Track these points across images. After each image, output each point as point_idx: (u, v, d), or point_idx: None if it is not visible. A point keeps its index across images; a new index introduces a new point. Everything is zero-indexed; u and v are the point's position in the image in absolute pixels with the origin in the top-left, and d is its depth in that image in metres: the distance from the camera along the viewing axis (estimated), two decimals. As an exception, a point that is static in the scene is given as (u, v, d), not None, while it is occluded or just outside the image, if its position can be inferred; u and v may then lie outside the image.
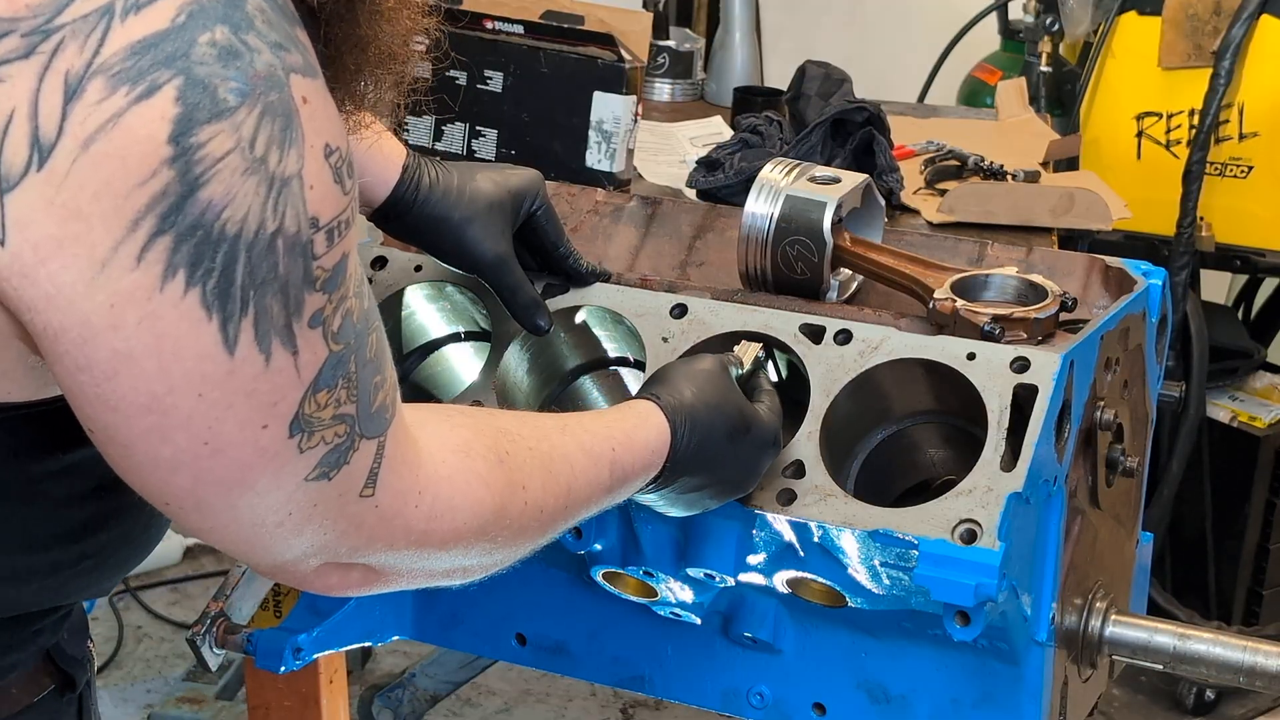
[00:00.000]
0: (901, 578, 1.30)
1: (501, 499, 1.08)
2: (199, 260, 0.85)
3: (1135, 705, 3.25)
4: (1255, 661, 1.37)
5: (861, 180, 1.53)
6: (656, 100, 2.97)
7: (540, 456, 1.14)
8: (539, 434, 1.16)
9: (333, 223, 0.90)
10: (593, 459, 1.19)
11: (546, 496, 1.13)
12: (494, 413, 1.25)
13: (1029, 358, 1.33)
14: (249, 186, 0.86)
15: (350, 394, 0.95)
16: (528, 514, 1.11)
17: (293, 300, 0.89)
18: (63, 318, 0.86)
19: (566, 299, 1.49)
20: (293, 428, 0.92)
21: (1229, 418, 3.23)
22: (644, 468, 1.23)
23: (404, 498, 1.01)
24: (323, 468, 0.95)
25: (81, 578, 1.10)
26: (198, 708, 2.98)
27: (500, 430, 1.13)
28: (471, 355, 1.58)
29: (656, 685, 1.52)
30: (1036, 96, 3.29)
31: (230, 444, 0.90)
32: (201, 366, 0.87)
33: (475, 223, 1.41)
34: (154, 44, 0.84)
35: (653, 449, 1.24)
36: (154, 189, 0.84)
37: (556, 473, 1.15)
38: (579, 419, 1.23)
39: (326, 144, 0.89)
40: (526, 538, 1.14)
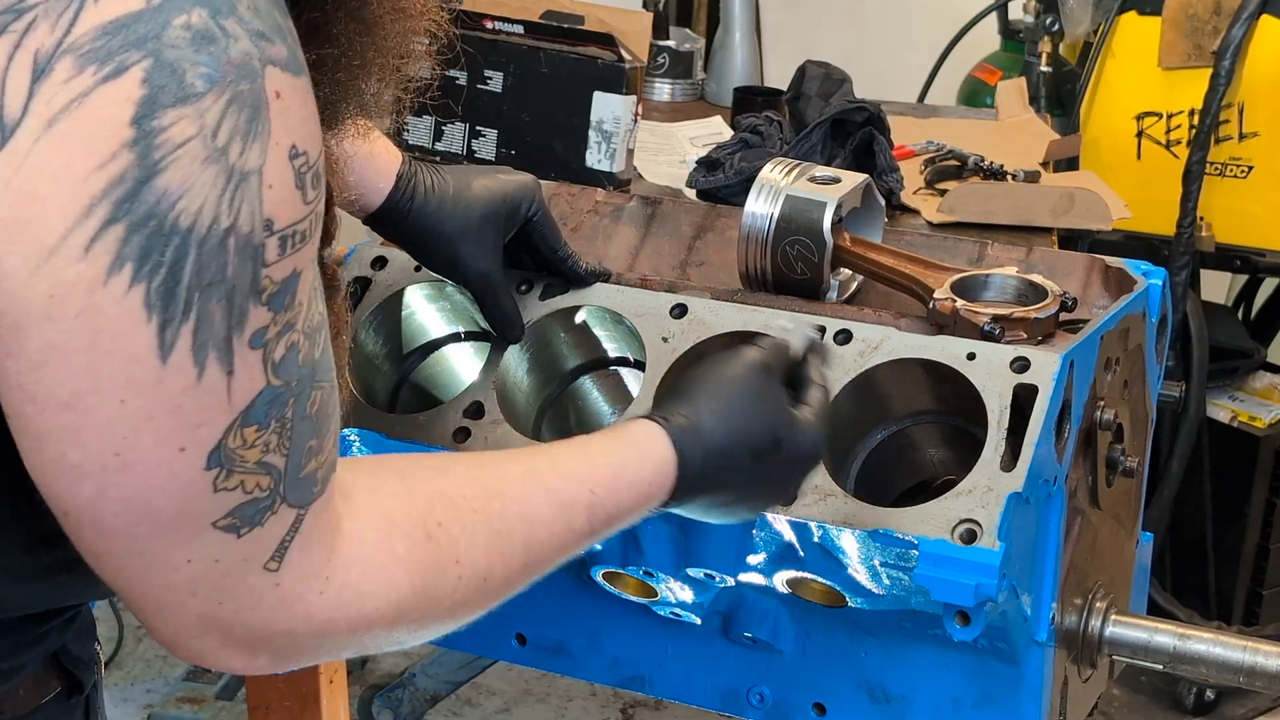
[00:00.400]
0: (901, 578, 1.30)
1: (424, 581, 1.00)
2: (148, 253, 0.83)
3: (1135, 705, 3.25)
4: (1255, 661, 1.37)
5: (861, 180, 1.53)
6: (656, 100, 2.97)
7: (488, 518, 1.05)
8: (491, 490, 1.07)
9: (288, 230, 0.87)
10: (562, 508, 1.09)
11: (493, 562, 1.05)
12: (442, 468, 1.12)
13: (1029, 358, 1.33)
14: (207, 177, 0.83)
15: (281, 443, 0.90)
16: (466, 586, 1.04)
17: (236, 309, 0.86)
18: (3, 302, 0.83)
19: (566, 299, 1.49)
20: (211, 459, 0.88)
21: (1229, 418, 3.23)
22: (636, 504, 1.14)
23: (308, 581, 0.95)
24: (234, 519, 0.90)
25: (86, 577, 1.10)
26: (198, 708, 2.98)
27: (437, 496, 1.04)
28: (471, 355, 1.58)
29: (656, 685, 1.52)
30: (1036, 96, 3.29)
31: (142, 460, 0.87)
32: (130, 370, 0.84)
33: (466, 236, 1.40)
34: (126, 24, 0.82)
35: (648, 483, 1.14)
36: (112, 172, 0.82)
37: (508, 534, 1.06)
38: (554, 459, 1.13)
39: (294, 145, 0.86)
40: (471, 606, 1.06)
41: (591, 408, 1.55)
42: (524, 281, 1.50)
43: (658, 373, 1.42)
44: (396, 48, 1.07)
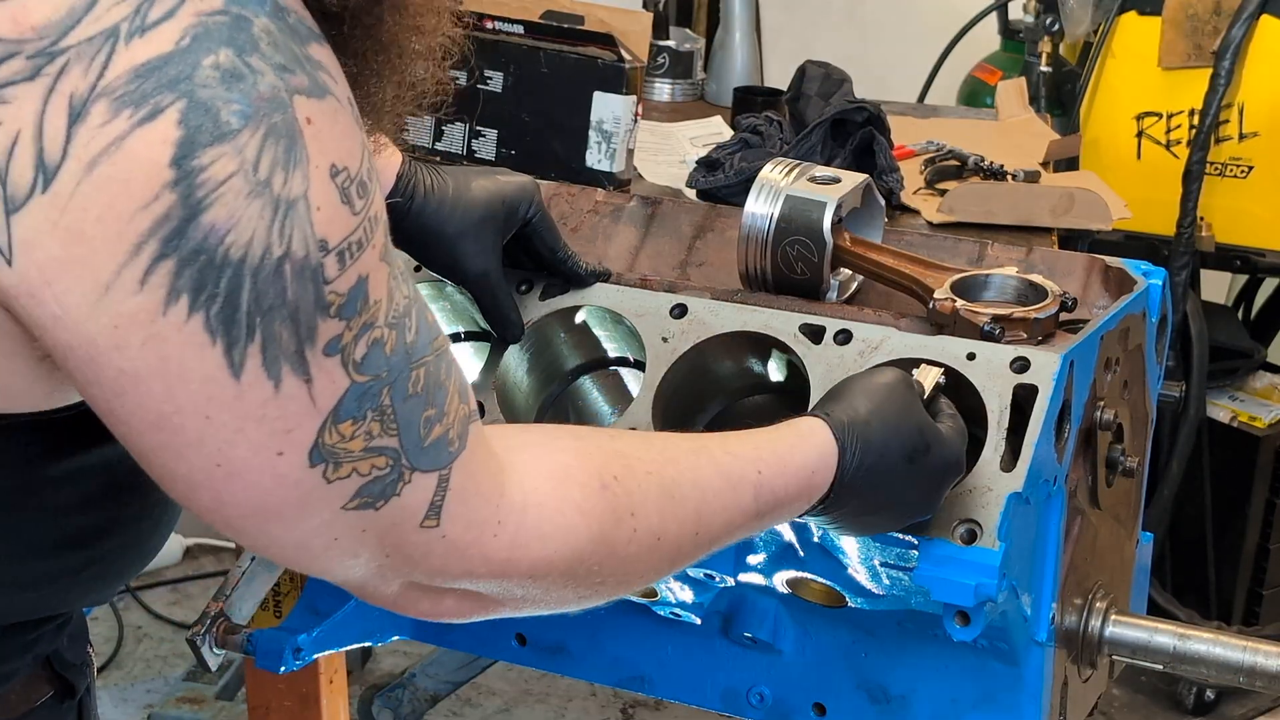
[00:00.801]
0: (901, 578, 1.30)
1: (600, 528, 1.03)
2: (202, 285, 0.84)
3: (1135, 705, 3.25)
4: (1255, 661, 1.37)
5: (861, 180, 1.53)
6: (656, 100, 2.97)
7: (661, 481, 1.08)
8: (664, 457, 1.11)
9: (343, 244, 0.88)
10: (731, 483, 1.13)
11: (666, 523, 1.08)
12: (615, 434, 1.19)
13: (1029, 358, 1.33)
14: (253, 210, 0.85)
15: (386, 427, 0.92)
16: (639, 542, 1.06)
17: (304, 326, 0.87)
18: (69, 337, 0.86)
19: (566, 299, 1.49)
20: (313, 456, 0.90)
21: (1229, 418, 3.23)
22: (800, 491, 1.17)
23: (479, 528, 0.98)
24: (364, 498, 0.93)
25: (84, 585, 1.10)
26: (198, 708, 2.99)
27: (613, 454, 1.08)
28: (471, 355, 1.58)
29: (656, 685, 1.52)
30: (1036, 96, 3.29)
31: (245, 468, 0.89)
32: (207, 389, 0.86)
33: (466, 237, 1.41)
34: (158, 67, 0.84)
35: (812, 470, 1.17)
36: (157, 212, 0.83)
37: (681, 498, 1.09)
38: (723, 439, 1.17)
39: (333, 164, 0.88)
40: (645, 566, 1.09)
41: (591, 408, 1.55)
42: (524, 281, 1.50)
43: (658, 373, 1.42)
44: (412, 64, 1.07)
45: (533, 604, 1.05)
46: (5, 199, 0.84)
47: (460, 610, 1.03)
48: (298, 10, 0.90)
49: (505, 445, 1.02)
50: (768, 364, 1.47)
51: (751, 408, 1.50)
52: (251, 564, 1.54)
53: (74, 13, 0.84)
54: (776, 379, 1.48)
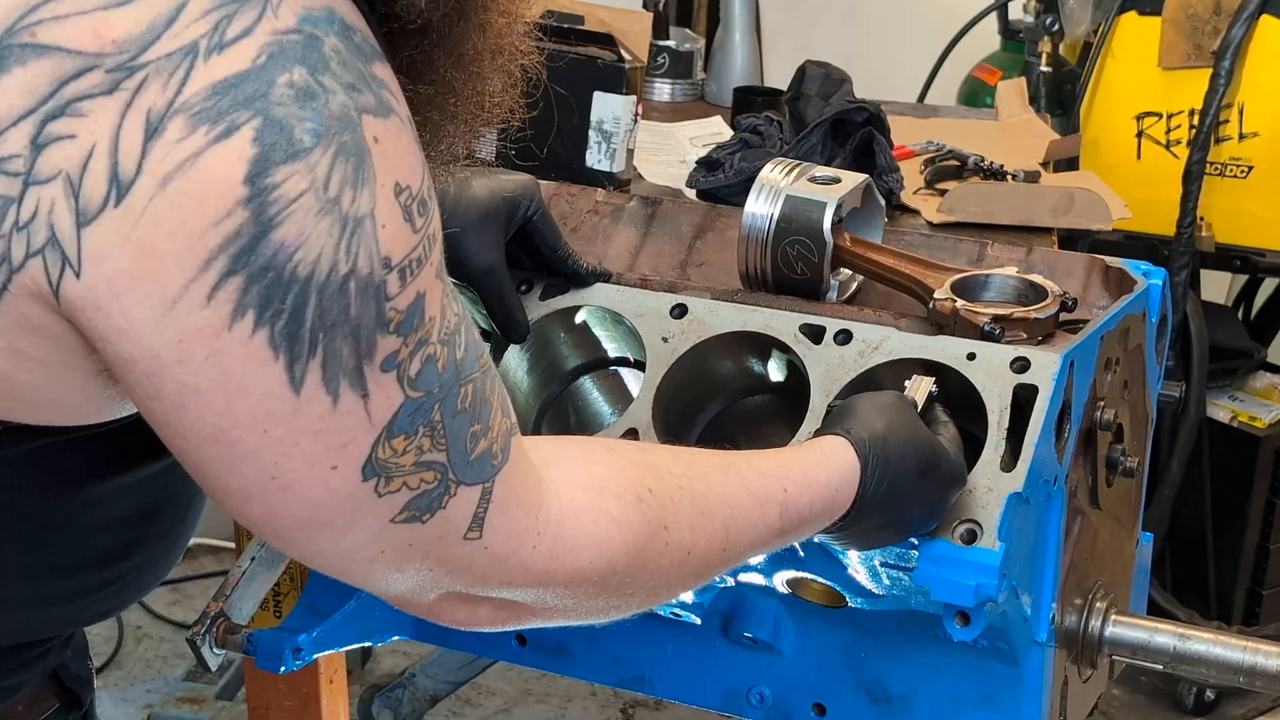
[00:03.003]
0: (901, 578, 1.30)
1: (635, 540, 1.05)
2: (269, 301, 0.85)
3: (1135, 705, 3.25)
4: (1255, 661, 1.37)
5: (861, 180, 1.53)
6: (656, 100, 2.97)
7: (692, 496, 1.10)
8: (695, 472, 1.12)
9: (404, 262, 0.89)
10: (758, 500, 1.14)
11: (697, 538, 1.09)
12: (647, 448, 1.21)
13: (1029, 358, 1.33)
14: (322, 228, 0.85)
15: (436, 442, 0.93)
16: (671, 555, 1.07)
17: (364, 343, 0.88)
18: (133, 349, 0.86)
19: (566, 299, 1.49)
20: (366, 471, 0.91)
21: (1229, 418, 3.23)
22: (824, 509, 1.19)
23: (519, 539, 0.99)
24: (411, 511, 0.94)
25: (101, 604, 1.11)
26: (198, 708, 2.98)
27: (646, 467, 1.09)
28: (471, 355, 1.58)
29: (656, 685, 1.52)
30: (1036, 96, 3.29)
31: (299, 481, 0.90)
32: (266, 404, 0.87)
33: (469, 234, 1.41)
34: (235, 84, 0.84)
35: (835, 489, 1.19)
36: (228, 229, 0.84)
37: (711, 514, 1.10)
38: (750, 457, 1.18)
39: (397, 183, 0.89)
40: (674, 580, 1.10)
41: (591, 408, 1.55)
42: (524, 281, 1.50)
43: (658, 373, 1.42)
44: (488, 84, 1.08)
45: (565, 614, 1.07)
46: (77, 212, 0.84)
47: (495, 619, 1.04)
48: (362, 29, 0.90)
49: (542, 457, 1.03)
50: (768, 364, 1.47)
51: (751, 408, 1.50)
52: (251, 564, 1.54)
53: (155, 28, 0.84)
54: (776, 379, 1.48)
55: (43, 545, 1.03)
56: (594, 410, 1.55)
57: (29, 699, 1.11)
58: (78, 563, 1.06)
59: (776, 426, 1.47)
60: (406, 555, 0.96)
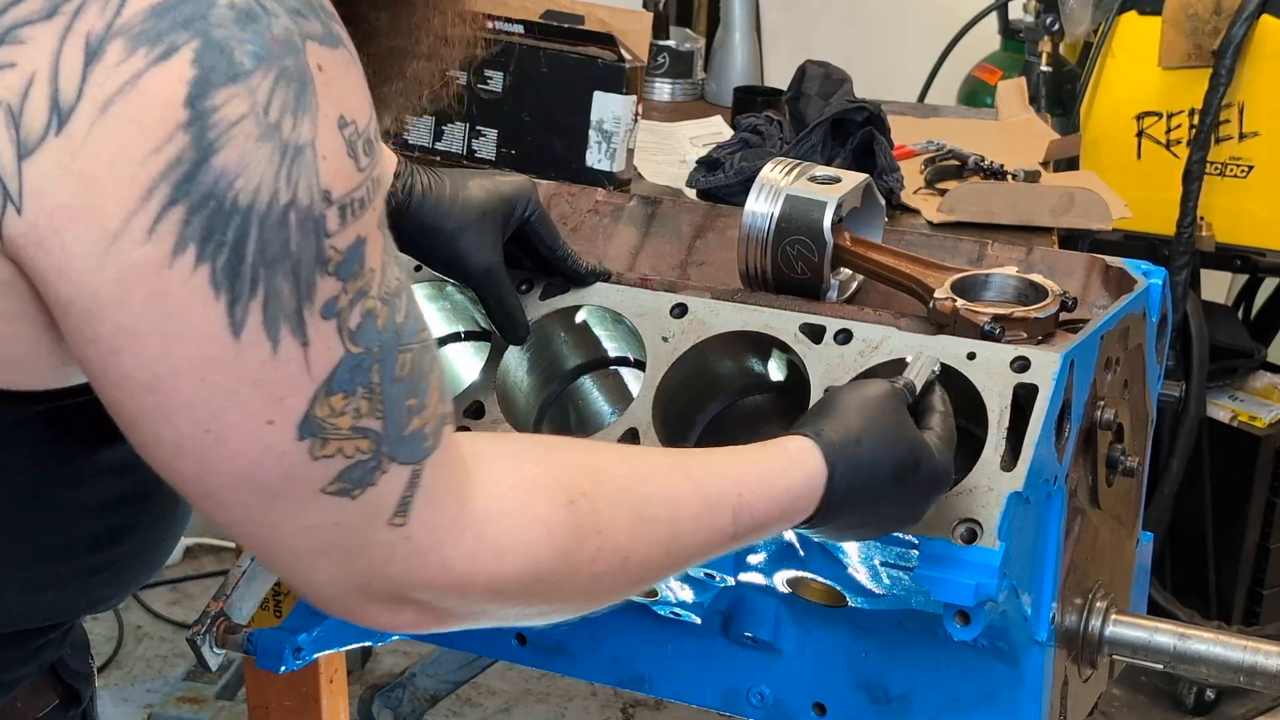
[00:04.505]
0: (901, 577, 1.30)
1: (563, 544, 1.00)
2: (210, 234, 0.83)
3: (1135, 705, 3.25)
4: (1255, 661, 1.37)
5: (861, 180, 1.53)
6: (656, 100, 2.97)
7: (634, 498, 1.05)
8: (639, 474, 1.08)
9: (346, 199, 0.87)
10: (708, 504, 1.09)
11: (635, 543, 1.04)
12: (591, 448, 1.16)
13: (1029, 357, 1.33)
14: (262, 154, 0.84)
15: (374, 407, 0.91)
16: (605, 560, 1.03)
17: (304, 281, 0.86)
18: (73, 290, 0.84)
19: (566, 299, 1.49)
20: (303, 429, 0.88)
21: (1229, 418, 3.23)
22: (782, 514, 1.14)
23: (442, 533, 0.96)
24: (343, 483, 0.91)
25: (93, 591, 1.10)
26: (198, 708, 2.98)
27: (584, 469, 1.05)
28: (471, 355, 1.58)
29: (656, 685, 1.52)
30: (1036, 96, 3.29)
31: (234, 435, 0.88)
32: (206, 349, 0.85)
33: (467, 232, 1.40)
34: (174, 5, 0.83)
35: (796, 495, 1.14)
36: (169, 155, 0.82)
37: (653, 517, 1.06)
38: (706, 457, 1.14)
39: (341, 115, 0.87)
40: (610, 586, 1.06)
41: (592, 408, 1.55)
42: (524, 281, 1.50)
43: (658, 372, 1.42)
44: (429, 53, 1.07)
45: (491, 619, 1.03)
46: (18, 144, 0.83)
47: (419, 622, 1.00)
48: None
49: (475, 453, 0.99)
50: (768, 364, 1.47)
51: (751, 408, 1.50)
52: (251, 564, 1.54)
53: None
54: (776, 379, 1.48)
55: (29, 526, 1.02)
56: (594, 410, 1.55)
57: (27, 694, 1.10)
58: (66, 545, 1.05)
59: (776, 426, 1.47)
60: (331, 537, 0.93)
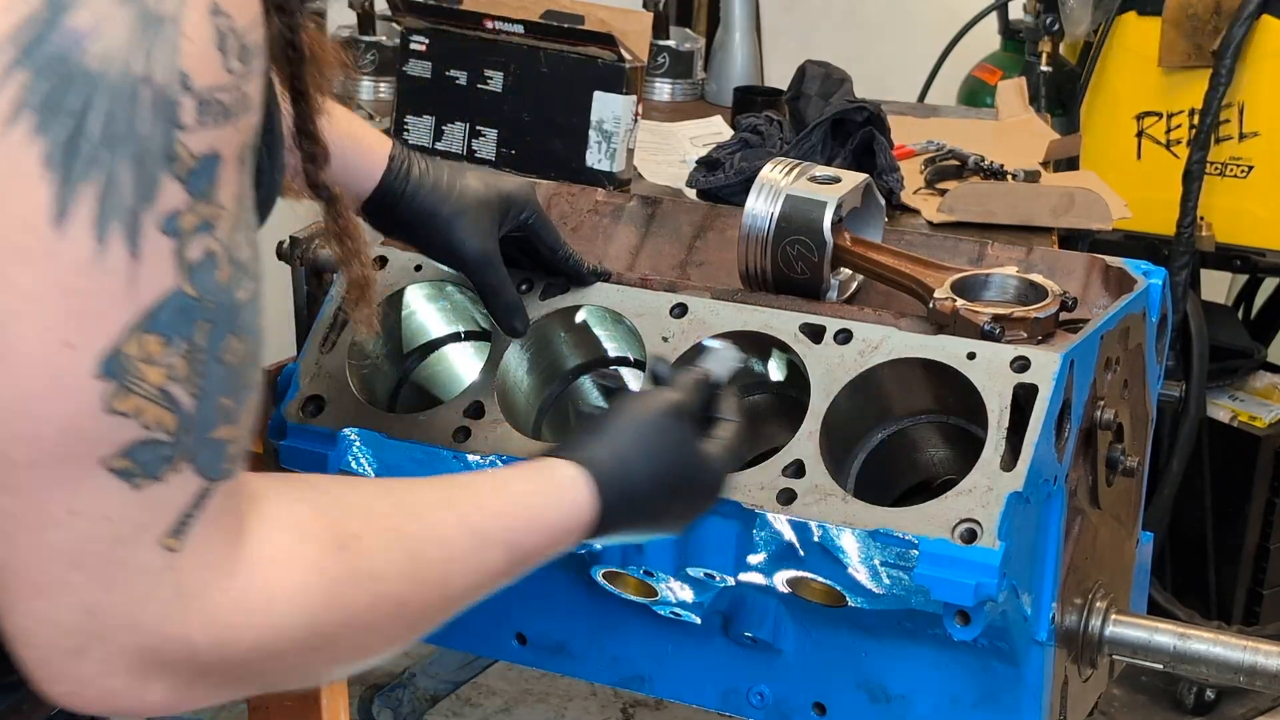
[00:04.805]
0: (901, 577, 1.30)
1: (338, 591, 0.90)
2: (54, 101, 0.77)
3: (1135, 705, 3.25)
4: (1255, 661, 1.37)
5: (861, 180, 1.53)
6: (656, 100, 2.97)
7: (405, 540, 0.96)
8: (410, 513, 0.98)
9: (208, 95, 0.80)
10: (482, 541, 1.01)
11: (410, 588, 0.96)
12: (353, 484, 1.06)
13: (1029, 357, 1.33)
14: (120, 17, 0.77)
15: (190, 376, 0.81)
16: (382, 609, 0.94)
17: (147, 175, 0.78)
18: None
19: (566, 299, 1.49)
20: (106, 365, 0.78)
21: (1229, 418, 3.23)
22: (552, 545, 1.07)
23: (211, 572, 0.85)
24: (131, 462, 0.80)
25: None
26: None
27: (351, 507, 0.95)
28: (471, 355, 1.58)
29: (656, 685, 1.52)
30: (1036, 96, 3.29)
31: (22, 350, 0.77)
32: (21, 236, 0.76)
33: (464, 218, 1.39)
34: None
35: (567, 528, 1.08)
36: (21, 12, 0.77)
37: (426, 559, 0.97)
38: (474, 490, 1.05)
39: (215, 2, 0.81)
40: (388, 635, 0.96)
41: (592, 407, 1.55)
42: (524, 281, 1.50)
43: (658, 372, 1.42)
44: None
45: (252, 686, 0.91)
46: None
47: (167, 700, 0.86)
48: None
49: (246, 491, 0.89)
50: (768, 364, 1.47)
51: (751, 407, 1.50)
52: (251, 564, 1.54)
53: None
54: (776, 379, 1.48)
55: None
56: (594, 410, 1.55)
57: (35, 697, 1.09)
58: None
59: (776, 426, 1.47)
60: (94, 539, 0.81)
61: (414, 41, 2.44)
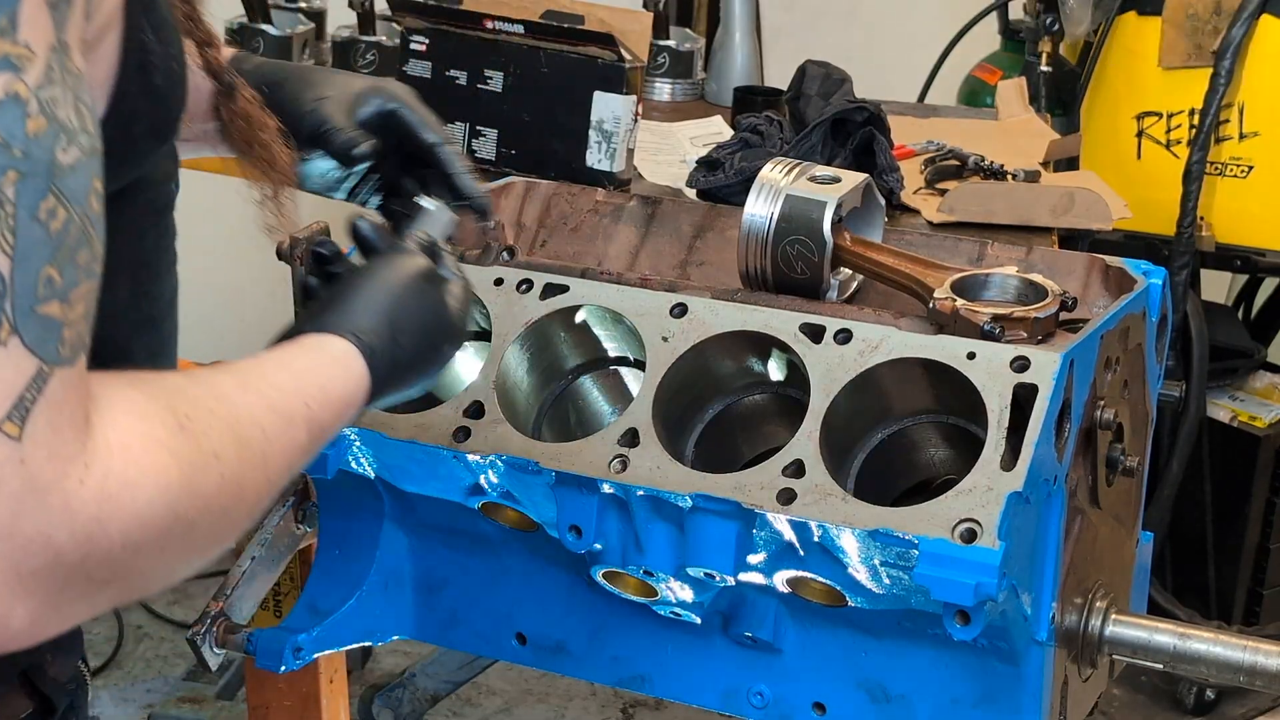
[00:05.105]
0: (901, 577, 1.30)
1: (191, 472, 0.87)
2: None
3: (1135, 705, 3.25)
4: (1255, 661, 1.37)
5: (861, 180, 1.53)
6: (656, 100, 2.98)
7: (228, 421, 0.93)
8: (219, 397, 0.94)
9: None
10: (287, 420, 0.99)
11: (244, 468, 0.92)
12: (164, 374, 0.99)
13: (1029, 357, 1.33)
14: None
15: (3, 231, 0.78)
16: (227, 491, 0.91)
17: None
18: None
19: (567, 299, 1.49)
20: None
21: (1229, 418, 3.23)
22: (339, 419, 1.07)
23: (64, 464, 0.79)
24: None
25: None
26: (198, 708, 2.99)
27: (174, 392, 0.91)
28: (471, 355, 1.58)
29: (656, 685, 1.52)
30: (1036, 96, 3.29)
31: None
32: None
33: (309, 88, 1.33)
34: None
35: (350, 401, 1.08)
36: None
37: (248, 439, 0.94)
38: (260, 371, 1.03)
39: None
40: (233, 519, 0.94)
41: (591, 407, 1.55)
42: (524, 281, 1.50)
43: (658, 372, 1.42)
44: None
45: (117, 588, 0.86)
46: None
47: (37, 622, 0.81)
48: None
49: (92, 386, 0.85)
50: (768, 364, 1.47)
51: (751, 407, 1.50)
52: (251, 564, 1.54)
53: None
54: (776, 379, 1.48)
55: None
56: (594, 410, 1.55)
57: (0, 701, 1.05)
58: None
59: (776, 426, 1.47)
60: None
61: (414, 41, 2.44)
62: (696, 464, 1.43)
